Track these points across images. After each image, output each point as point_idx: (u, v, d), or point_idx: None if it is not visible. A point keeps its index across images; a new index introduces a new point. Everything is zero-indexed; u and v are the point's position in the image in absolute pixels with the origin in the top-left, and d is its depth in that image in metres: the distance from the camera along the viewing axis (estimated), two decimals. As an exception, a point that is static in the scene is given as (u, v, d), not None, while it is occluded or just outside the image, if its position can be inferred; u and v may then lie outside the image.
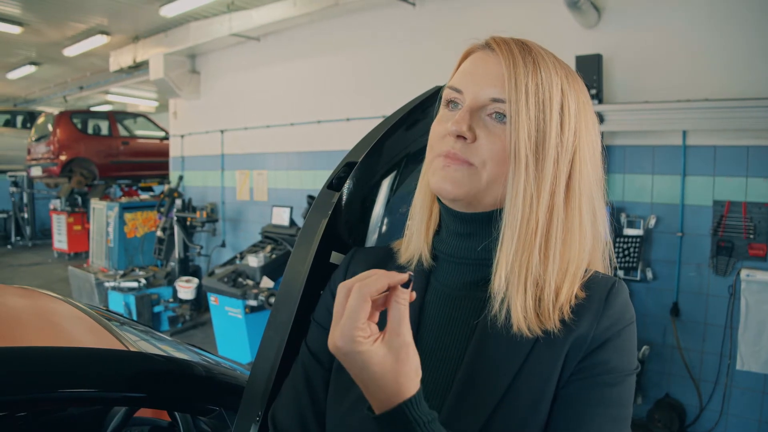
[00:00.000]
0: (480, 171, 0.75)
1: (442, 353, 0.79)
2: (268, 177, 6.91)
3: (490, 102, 0.75)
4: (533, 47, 0.76)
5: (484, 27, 4.18)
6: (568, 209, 0.76)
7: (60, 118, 9.52)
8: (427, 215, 0.86)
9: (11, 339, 1.16)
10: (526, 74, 0.73)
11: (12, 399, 0.93)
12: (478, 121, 0.75)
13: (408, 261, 0.86)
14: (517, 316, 0.73)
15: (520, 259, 0.73)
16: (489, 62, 0.77)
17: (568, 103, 0.75)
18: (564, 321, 0.73)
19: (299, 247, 0.94)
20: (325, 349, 0.86)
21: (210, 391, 1.23)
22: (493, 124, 0.75)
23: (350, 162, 1.00)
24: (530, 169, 0.73)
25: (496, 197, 0.76)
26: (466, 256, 0.81)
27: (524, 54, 0.75)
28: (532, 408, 0.71)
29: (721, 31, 3.55)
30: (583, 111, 0.77)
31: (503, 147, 0.74)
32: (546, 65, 0.75)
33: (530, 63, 0.74)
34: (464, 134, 0.74)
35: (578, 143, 0.76)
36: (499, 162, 0.74)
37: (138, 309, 6.10)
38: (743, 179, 3.52)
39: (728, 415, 3.63)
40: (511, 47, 0.76)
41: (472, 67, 0.79)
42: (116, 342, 1.26)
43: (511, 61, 0.74)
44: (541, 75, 0.74)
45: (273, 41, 6.66)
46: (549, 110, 0.73)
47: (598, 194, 0.80)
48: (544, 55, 0.76)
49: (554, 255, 0.74)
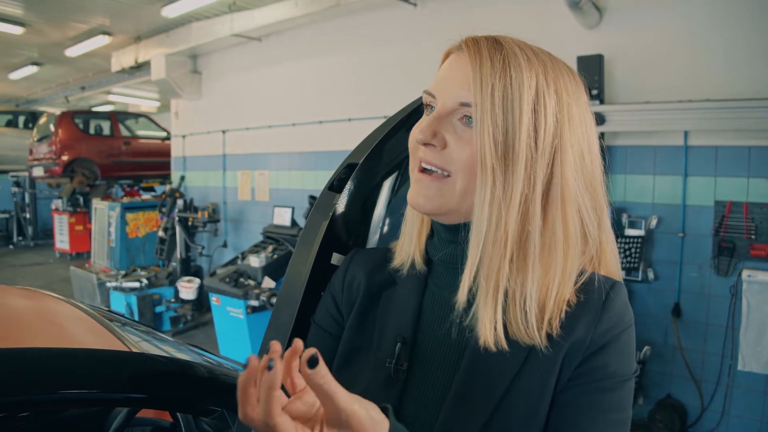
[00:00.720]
0: (454, 180, 0.72)
1: (440, 357, 0.78)
2: (269, 177, 6.91)
3: (459, 106, 0.72)
4: (506, 44, 0.72)
5: (486, 27, 4.15)
6: (548, 216, 0.71)
7: (62, 118, 9.54)
8: (419, 221, 0.85)
9: (13, 340, 1.16)
10: (493, 75, 0.69)
11: (13, 400, 0.94)
12: (447, 126, 0.73)
13: (400, 265, 0.85)
14: (484, 329, 0.70)
15: (487, 271, 0.70)
16: (460, 64, 0.73)
17: (544, 101, 0.70)
18: (555, 335, 0.70)
19: (300, 248, 0.95)
20: (325, 351, 0.86)
21: (211, 392, 1.23)
22: (463, 129, 0.72)
23: (351, 163, 1.00)
24: (497, 175, 0.68)
25: (471, 207, 0.72)
26: (456, 262, 0.79)
27: (493, 53, 0.70)
28: (529, 413, 0.70)
29: (722, 31, 3.55)
30: (567, 108, 0.72)
31: (472, 153, 0.70)
32: (517, 62, 0.70)
33: (498, 62, 0.70)
34: (429, 141, 0.72)
35: (559, 144, 0.71)
36: (469, 169, 0.71)
37: (140, 309, 6.10)
38: (745, 179, 3.51)
39: (729, 416, 3.63)
40: (480, 47, 0.72)
41: (446, 70, 0.76)
42: (118, 343, 1.26)
43: (477, 61, 0.70)
44: (511, 74, 0.69)
45: (274, 41, 6.67)
46: (518, 111, 0.68)
47: (595, 196, 0.75)
48: (518, 51, 0.71)
49: (533, 265, 0.70)
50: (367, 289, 0.86)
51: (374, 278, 0.87)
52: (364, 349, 0.83)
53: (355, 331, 0.85)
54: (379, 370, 0.79)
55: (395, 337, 0.80)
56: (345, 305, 0.88)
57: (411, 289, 0.83)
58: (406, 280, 0.84)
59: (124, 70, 8.62)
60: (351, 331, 0.85)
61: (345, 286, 0.89)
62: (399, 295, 0.84)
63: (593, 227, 0.74)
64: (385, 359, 0.79)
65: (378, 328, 0.83)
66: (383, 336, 0.82)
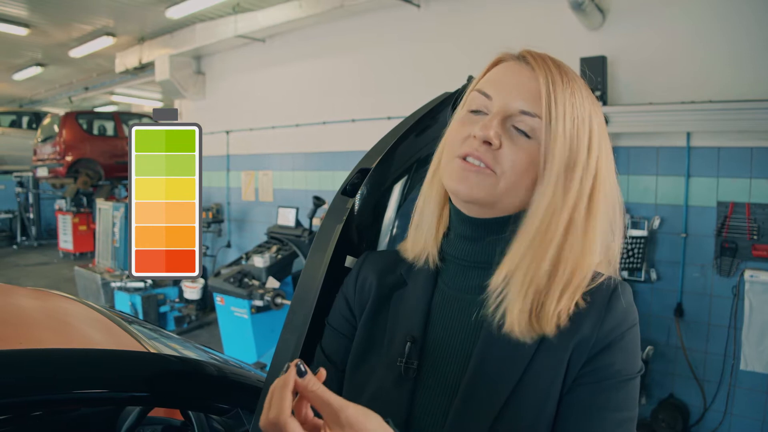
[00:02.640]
0: (498, 179, 0.76)
1: (450, 356, 0.80)
2: (273, 177, 6.93)
3: (519, 114, 0.76)
4: (567, 69, 0.78)
5: (488, 29, 4.18)
6: (588, 225, 0.77)
7: (66, 119, 9.57)
8: (437, 216, 0.87)
9: (27, 341, 1.18)
10: (563, 94, 0.75)
11: (27, 400, 0.96)
12: (504, 129, 0.76)
13: (414, 258, 0.88)
14: (512, 319, 0.74)
15: (528, 266, 0.75)
16: (522, 74, 0.78)
17: (595, 127, 0.78)
18: (562, 326, 0.73)
19: (315, 252, 0.97)
20: (339, 351, 0.89)
21: (222, 390, 1.25)
22: (517, 136, 0.76)
23: (363, 168, 1.02)
24: (559, 184, 0.75)
25: (509, 206, 0.78)
26: (473, 260, 0.82)
27: (561, 74, 0.77)
28: (537, 411, 0.72)
29: (724, 33, 3.56)
30: (604, 136, 0.80)
31: (526, 159, 0.75)
32: (579, 88, 0.77)
33: (567, 84, 0.76)
34: (491, 140, 0.75)
35: (599, 165, 0.78)
36: (520, 173, 0.76)
37: (144, 309, 6.12)
38: (747, 180, 3.53)
39: (732, 415, 3.64)
40: (548, 64, 0.77)
41: (504, 76, 0.80)
42: (133, 341, 1.28)
43: (550, 78, 0.76)
44: (576, 97, 0.76)
45: (278, 42, 6.69)
46: (582, 132, 0.76)
47: (616, 213, 0.81)
48: (576, 78, 0.78)
49: (565, 267, 0.75)
50: (378, 290, 0.89)
51: (385, 279, 0.90)
52: (376, 349, 0.85)
53: (367, 331, 0.87)
54: (391, 369, 0.81)
55: (405, 336, 0.82)
56: (357, 306, 0.91)
57: (421, 289, 0.86)
58: (417, 279, 0.87)
59: (127, 70, 8.64)
60: (363, 332, 0.88)
61: (357, 288, 0.91)
62: (409, 295, 0.86)
63: (612, 237, 0.80)
64: (396, 358, 0.81)
65: (389, 328, 0.85)
66: (394, 335, 0.84)
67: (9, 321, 1.31)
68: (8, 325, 1.26)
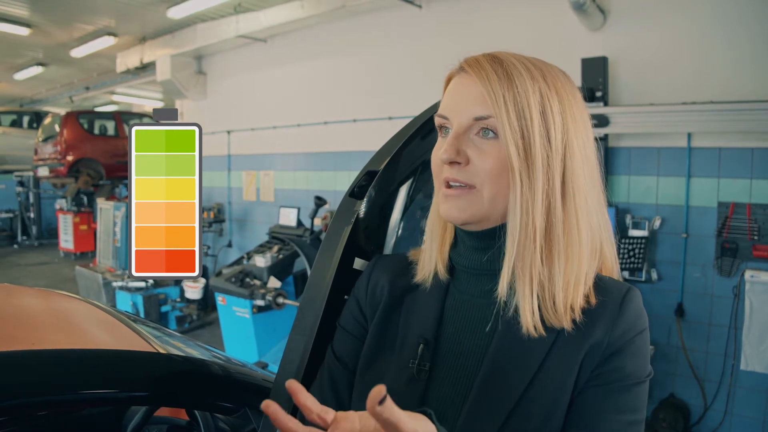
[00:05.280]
0: (480, 191, 0.77)
1: (462, 358, 0.81)
2: (274, 177, 6.94)
3: (474, 122, 0.77)
4: (504, 58, 0.78)
5: (489, 30, 4.17)
6: (566, 207, 0.77)
7: (67, 118, 9.58)
8: (440, 234, 0.88)
9: (40, 342, 1.19)
10: (501, 87, 0.75)
11: (33, 401, 0.97)
12: (467, 142, 0.78)
13: (422, 280, 0.89)
14: (525, 319, 0.75)
15: (522, 265, 0.76)
16: (466, 84, 0.79)
17: (549, 103, 0.76)
18: (578, 323, 0.75)
19: (323, 253, 0.98)
20: (350, 353, 0.90)
21: (228, 390, 1.26)
22: (482, 142, 0.77)
23: (371, 170, 1.03)
24: (523, 176, 0.75)
25: (502, 211, 0.78)
26: (482, 268, 0.83)
27: (495, 67, 0.77)
28: (547, 412, 0.73)
29: (725, 34, 3.57)
30: (568, 106, 0.78)
31: (497, 161, 0.76)
32: (519, 73, 0.76)
33: (503, 75, 0.76)
34: (455, 160, 0.77)
35: (568, 138, 0.77)
36: (495, 177, 0.76)
37: (146, 308, 6.13)
38: (748, 181, 3.54)
39: (732, 415, 3.65)
40: (482, 64, 0.78)
41: (453, 91, 0.81)
42: (141, 341, 1.29)
43: (485, 77, 0.76)
44: (516, 84, 0.75)
45: (280, 42, 6.70)
46: (530, 117, 0.75)
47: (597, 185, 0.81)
48: (516, 62, 0.77)
49: (558, 253, 0.76)
50: (391, 293, 0.90)
51: (397, 283, 0.91)
52: (388, 351, 0.86)
53: (378, 333, 0.89)
54: (402, 370, 0.83)
55: (418, 338, 0.84)
56: (369, 309, 0.92)
57: (434, 294, 0.87)
58: (429, 285, 0.88)
59: (128, 70, 8.64)
60: (375, 334, 0.89)
61: (369, 290, 0.93)
62: (422, 299, 0.87)
63: (597, 217, 0.80)
64: (408, 360, 0.83)
65: (401, 331, 0.87)
66: (406, 338, 0.85)
67: (21, 322, 1.33)
68: (21, 327, 1.27)
